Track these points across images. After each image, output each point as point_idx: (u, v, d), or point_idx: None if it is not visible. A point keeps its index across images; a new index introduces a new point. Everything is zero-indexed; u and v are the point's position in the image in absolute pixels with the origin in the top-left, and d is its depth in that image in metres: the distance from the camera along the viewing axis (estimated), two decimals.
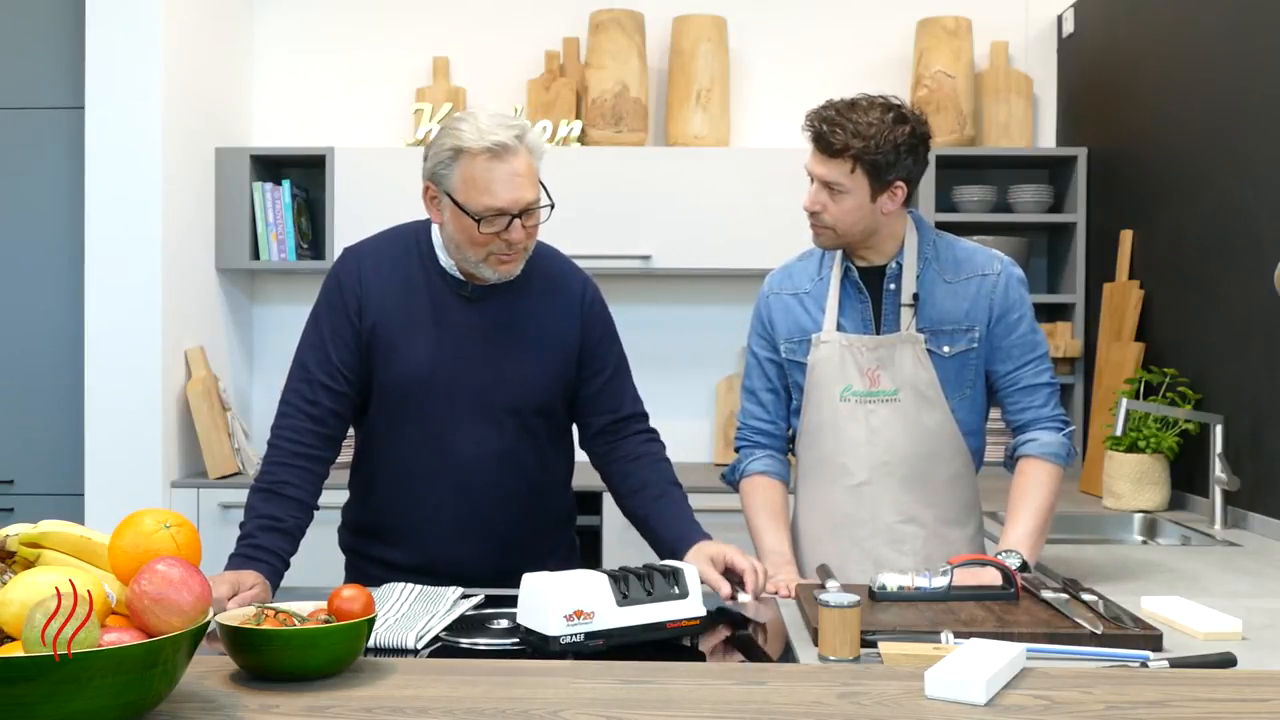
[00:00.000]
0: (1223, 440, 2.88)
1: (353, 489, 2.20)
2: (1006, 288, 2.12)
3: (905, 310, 2.10)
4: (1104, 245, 3.70)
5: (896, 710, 1.32)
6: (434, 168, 1.96)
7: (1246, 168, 2.89)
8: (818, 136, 2.04)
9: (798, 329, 2.18)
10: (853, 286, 2.15)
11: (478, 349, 2.04)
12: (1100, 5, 3.79)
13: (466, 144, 1.91)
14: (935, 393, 2.10)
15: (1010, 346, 2.12)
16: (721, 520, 3.49)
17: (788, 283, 2.23)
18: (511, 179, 1.92)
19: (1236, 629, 1.73)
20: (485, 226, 1.93)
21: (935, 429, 2.11)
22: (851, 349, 2.12)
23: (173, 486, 3.52)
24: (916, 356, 2.10)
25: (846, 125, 2.00)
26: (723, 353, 4.11)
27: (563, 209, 3.73)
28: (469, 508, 2.07)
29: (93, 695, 1.12)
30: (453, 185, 1.94)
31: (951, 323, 2.11)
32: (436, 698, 1.35)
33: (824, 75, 4.09)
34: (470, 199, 1.92)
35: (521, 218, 1.94)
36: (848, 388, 2.12)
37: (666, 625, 1.66)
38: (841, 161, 2.02)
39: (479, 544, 2.08)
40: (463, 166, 1.92)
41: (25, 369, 3.61)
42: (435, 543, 2.08)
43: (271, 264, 3.85)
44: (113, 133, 3.47)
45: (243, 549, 1.90)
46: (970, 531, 2.19)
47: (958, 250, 2.16)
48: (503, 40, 4.12)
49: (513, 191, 1.92)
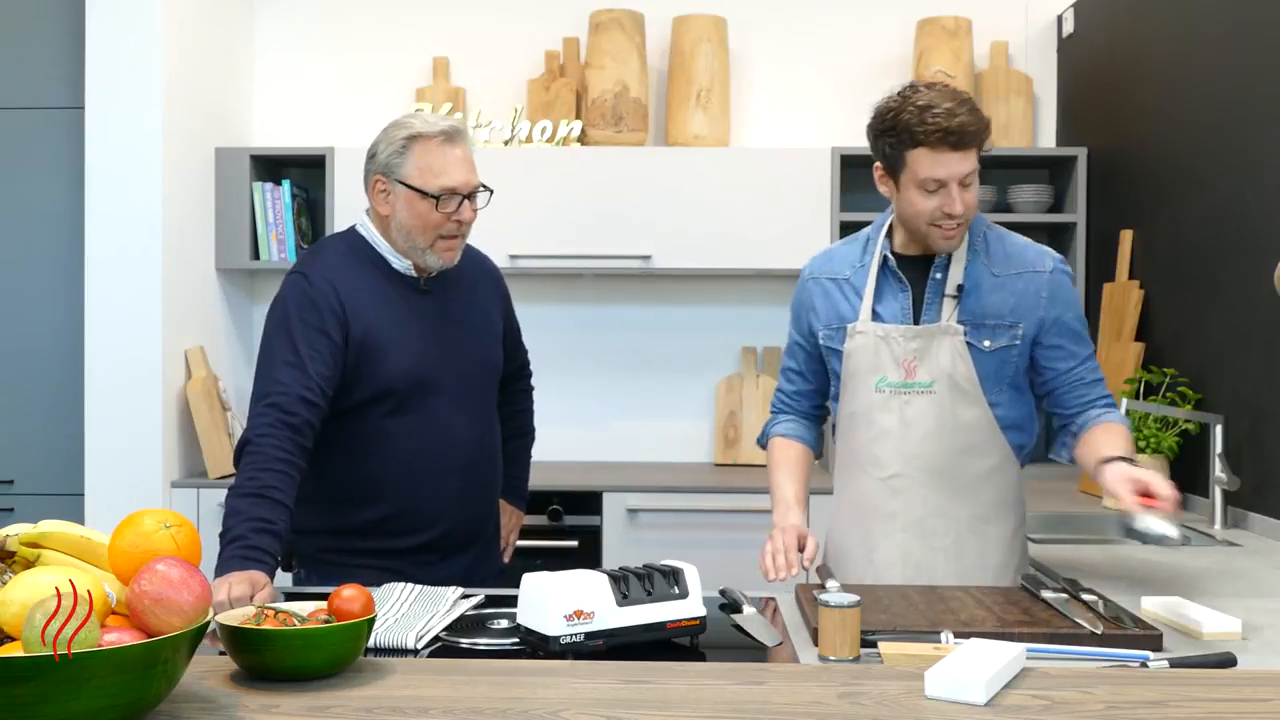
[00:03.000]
0: (1223, 440, 2.88)
1: (329, 496, 2.18)
2: (1060, 286, 2.10)
3: (948, 301, 2.07)
4: (1104, 245, 3.70)
5: (896, 710, 1.32)
6: (386, 160, 2.14)
7: (1246, 168, 2.89)
8: (959, 132, 1.96)
9: (836, 316, 2.16)
10: (892, 275, 2.12)
11: (447, 338, 2.22)
12: (1100, 5, 3.79)
13: (420, 130, 2.12)
14: (973, 386, 2.06)
15: (1069, 344, 2.09)
16: (721, 519, 3.50)
17: (828, 267, 2.20)
18: (463, 162, 2.14)
19: (1236, 629, 1.73)
20: (442, 206, 2.11)
21: (971, 423, 2.07)
22: (888, 339, 2.08)
23: (173, 486, 3.52)
24: (955, 349, 2.06)
25: (967, 110, 1.97)
26: (723, 353, 4.11)
27: (563, 209, 3.77)
28: (470, 481, 2.25)
29: (93, 695, 1.12)
30: (406, 173, 2.12)
31: (995, 317, 2.07)
32: (436, 698, 1.35)
33: (824, 75, 4.09)
34: (427, 181, 2.11)
35: (470, 199, 2.15)
36: (882, 379, 2.09)
37: (666, 625, 1.66)
38: (974, 150, 1.99)
39: (474, 513, 2.28)
40: (416, 153, 2.12)
41: (25, 369, 3.61)
42: (437, 521, 2.21)
43: (271, 264, 3.85)
44: (113, 133, 3.47)
45: (238, 550, 1.88)
46: (1008, 529, 2.14)
47: (1008, 244, 2.13)
48: (503, 40, 4.12)
49: (464, 173, 2.13)
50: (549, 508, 3.46)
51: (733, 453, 3.99)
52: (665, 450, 4.09)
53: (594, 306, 4.10)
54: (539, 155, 3.78)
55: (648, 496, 3.48)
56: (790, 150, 3.79)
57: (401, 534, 2.18)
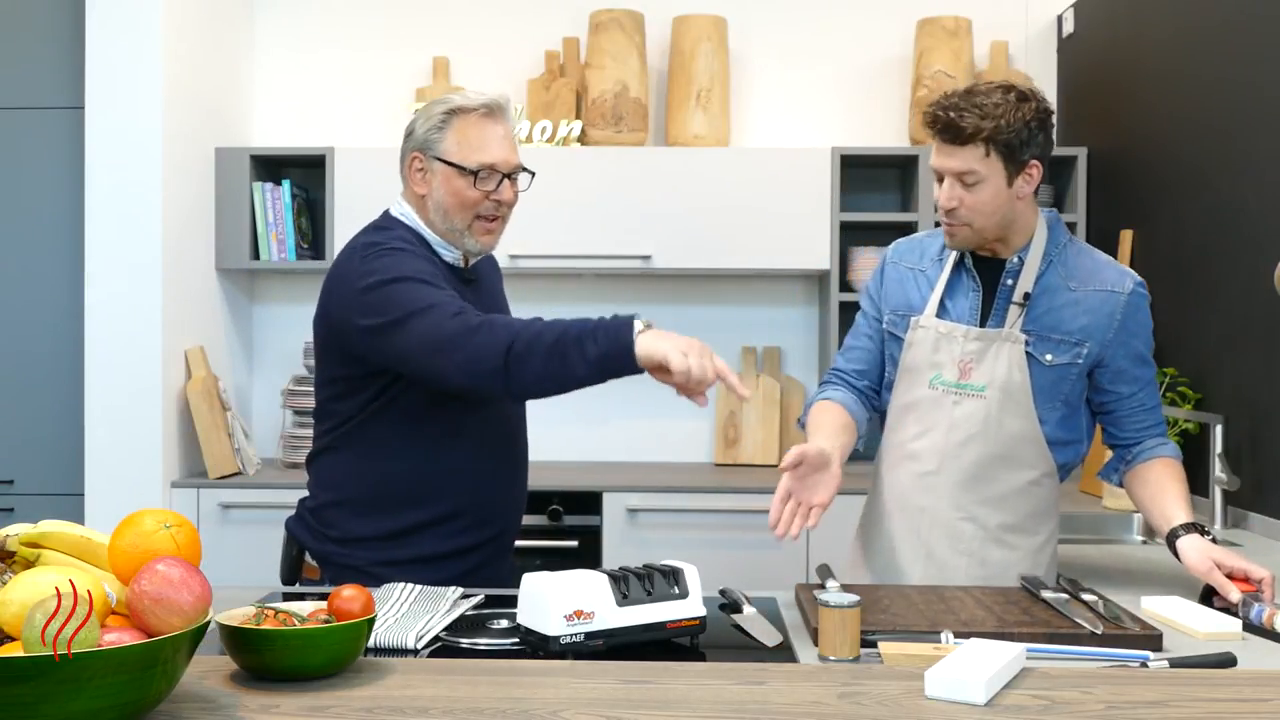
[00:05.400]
0: (1223, 440, 2.88)
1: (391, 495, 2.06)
2: (1138, 311, 2.05)
3: (1014, 308, 2.04)
4: (1104, 245, 3.67)
5: (896, 710, 1.32)
6: (425, 135, 2.06)
7: (1246, 168, 2.89)
8: (946, 126, 1.96)
9: (905, 304, 2.14)
10: (966, 274, 2.09)
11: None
12: (1100, 5, 3.79)
13: (460, 104, 2.05)
14: (1025, 397, 2.03)
15: (1134, 369, 2.06)
16: (721, 519, 3.50)
17: (910, 255, 2.18)
18: (504, 139, 2.07)
19: (1236, 629, 1.73)
20: (480, 183, 2.04)
21: (1017, 434, 2.04)
22: (949, 337, 2.06)
23: (173, 486, 3.52)
24: (1014, 358, 2.02)
25: (973, 109, 1.95)
26: (723, 353, 4.09)
27: (563, 209, 3.77)
28: (520, 476, 2.21)
29: (93, 695, 1.12)
30: (445, 148, 2.05)
31: (1062, 333, 2.03)
32: (436, 698, 1.35)
33: (824, 75, 4.09)
34: (466, 156, 2.04)
35: (510, 179, 2.08)
36: (937, 375, 2.07)
37: (666, 625, 1.66)
38: (974, 147, 1.95)
39: (523, 499, 2.24)
40: (457, 128, 2.04)
41: (25, 369, 3.61)
42: (496, 516, 2.15)
43: (271, 264, 3.85)
44: (113, 133, 3.47)
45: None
46: (1038, 541, 2.11)
47: (1088, 259, 2.08)
48: (503, 40, 4.12)
49: (505, 151, 2.06)
50: (549, 508, 3.46)
51: (733, 453, 3.99)
52: (665, 450, 4.09)
53: (594, 306, 4.10)
54: (539, 155, 3.78)
55: (648, 496, 3.48)
56: (790, 150, 3.79)
57: (463, 532, 2.08)
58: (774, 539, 1.94)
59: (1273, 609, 1.75)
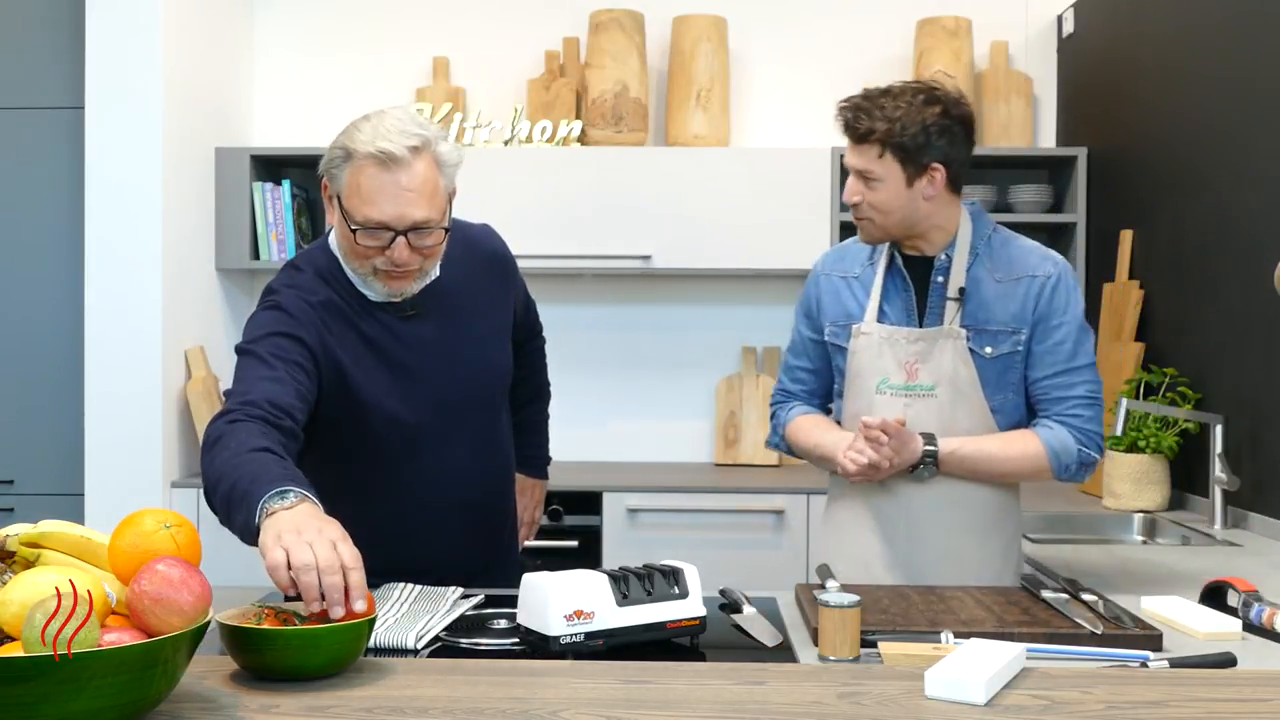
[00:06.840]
0: (1223, 440, 2.88)
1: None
2: (1053, 292, 2.02)
3: (950, 305, 2.04)
4: (1104, 245, 3.70)
5: (896, 710, 1.32)
6: (327, 164, 1.85)
7: (1246, 168, 2.89)
8: (846, 125, 2.01)
9: (843, 314, 2.14)
10: (898, 275, 2.10)
11: (443, 359, 1.95)
12: (1100, 5, 3.79)
13: (355, 147, 1.79)
14: (974, 391, 2.03)
15: (1044, 354, 2.04)
16: (721, 519, 3.50)
17: (839, 265, 2.19)
18: (398, 193, 1.77)
19: (1236, 629, 1.73)
20: (363, 238, 1.80)
21: (971, 429, 2.04)
22: (891, 341, 2.06)
23: (173, 486, 3.52)
24: (957, 352, 2.03)
25: (873, 110, 1.98)
26: (723, 353, 4.10)
27: (563, 209, 3.77)
28: (469, 511, 2.05)
29: (93, 695, 1.12)
30: (341, 188, 1.82)
31: (997, 323, 2.03)
32: (436, 698, 1.35)
33: (824, 75, 4.09)
34: (353, 206, 1.80)
35: (409, 236, 1.80)
36: (884, 380, 2.07)
37: (666, 625, 1.66)
38: (869, 147, 1.99)
39: (480, 540, 2.08)
40: (350, 171, 1.80)
41: (25, 369, 3.61)
42: (432, 550, 2.00)
43: (272, 264, 3.85)
44: (113, 133, 3.47)
45: (285, 470, 1.60)
46: (1005, 537, 2.12)
47: (1013, 248, 2.08)
48: (503, 40, 4.12)
49: (398, 206, 1.78)
50: (549, 508, 3.46)
51: (733, 453, 3.99)
52: (665, 450, 4.09)
53: (594, 306, 4.10)
54: (539, 155, 3.78)
55: (648, 496, 3.48)
56: (790, 150, 3.79)
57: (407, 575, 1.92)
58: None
59: (1273, 609, 1.75)
